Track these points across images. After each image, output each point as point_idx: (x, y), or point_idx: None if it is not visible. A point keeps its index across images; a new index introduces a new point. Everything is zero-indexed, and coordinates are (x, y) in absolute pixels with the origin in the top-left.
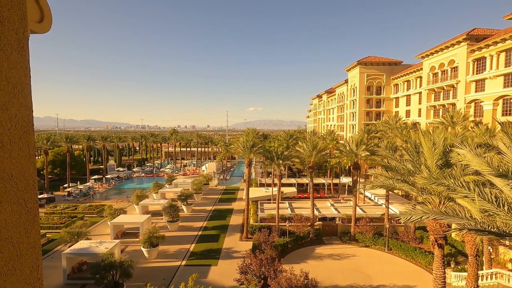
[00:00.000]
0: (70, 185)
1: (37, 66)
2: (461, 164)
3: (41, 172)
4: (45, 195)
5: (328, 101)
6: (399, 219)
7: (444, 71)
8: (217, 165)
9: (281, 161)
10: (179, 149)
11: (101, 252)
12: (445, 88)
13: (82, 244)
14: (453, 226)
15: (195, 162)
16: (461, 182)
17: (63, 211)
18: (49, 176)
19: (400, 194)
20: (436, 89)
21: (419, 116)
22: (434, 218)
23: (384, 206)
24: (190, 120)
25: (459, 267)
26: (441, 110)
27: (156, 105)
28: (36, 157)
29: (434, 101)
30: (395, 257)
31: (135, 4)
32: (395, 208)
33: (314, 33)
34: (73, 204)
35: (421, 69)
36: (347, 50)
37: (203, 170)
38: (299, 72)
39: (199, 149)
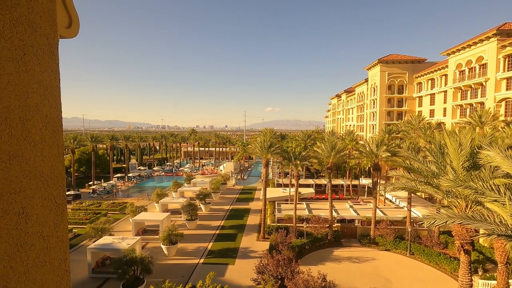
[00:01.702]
0: (95, 183)
1: (65, 69)
2: (490, 166)
3: (68, 170)
4: (72, 192)
5: (347, 101)
6: (422, 223)
7: (471, 68)
8: (234, 165)
9: (298, 162)
10: (197, 148)
11: (123, 248)
12: (472, 86)
13: (105, 239)
14: (481, 231)
15: (213, 162)
16: (490, 185)
17: (88, 208)
18: (76, 174)
19: (423, 196)
20: (463, 87)
21: (444, 115)
22: (460, 223)
23: (406, 209)
24: (209, 121)
25: (487, 274)
26: (468, 110)
27: (176, 106)
28: (64, 156)
29: (461, 100)
30: (418, 262)
31: (153, 4)
32: (418, 211)
33: (332, 30)
34: (97, 201)
35: (447, 66)
36: (368, 48)
37: (221, 170)
38: (317, 72)
39: (217, 149)
